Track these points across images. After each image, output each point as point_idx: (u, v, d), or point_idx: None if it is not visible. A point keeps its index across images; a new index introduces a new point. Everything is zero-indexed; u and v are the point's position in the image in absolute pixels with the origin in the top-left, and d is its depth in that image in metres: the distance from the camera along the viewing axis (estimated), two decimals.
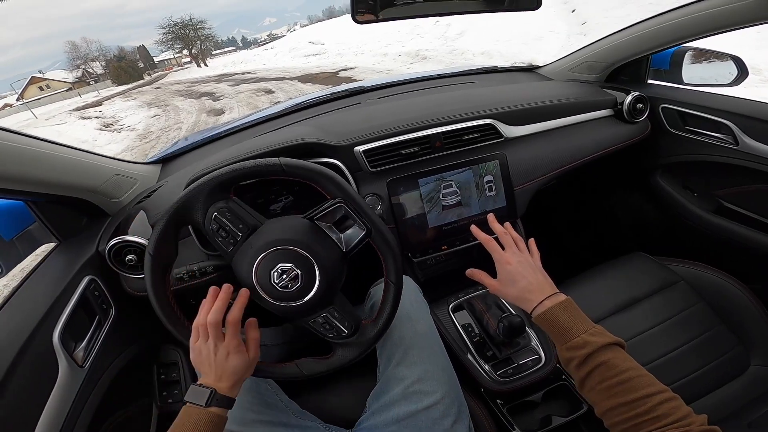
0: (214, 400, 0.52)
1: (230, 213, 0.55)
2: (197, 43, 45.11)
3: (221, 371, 0.56)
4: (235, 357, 0.56)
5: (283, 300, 0.56)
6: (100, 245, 0.77)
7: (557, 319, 0.52)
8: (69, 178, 0.75)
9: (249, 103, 8.39)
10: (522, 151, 0.93)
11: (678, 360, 0.81)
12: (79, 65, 55.75)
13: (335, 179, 0.57)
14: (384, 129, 0.87)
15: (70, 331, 0.69)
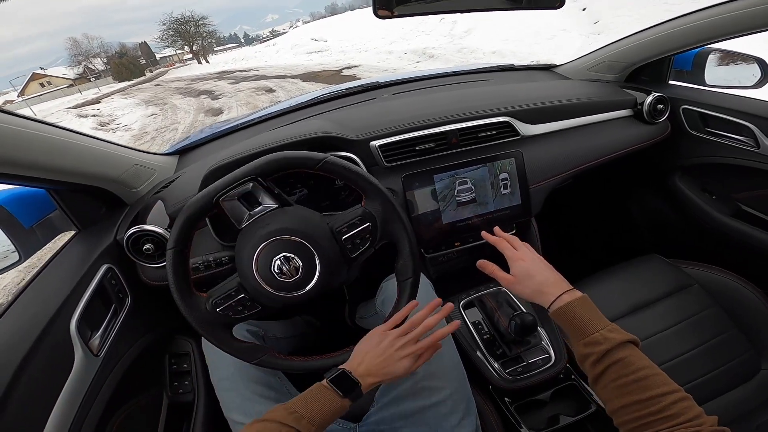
0: (356, 395, 0.54)
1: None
2: (198, 39, 45.15)
3: (381, 367, 0.56)
4: (408, 361, 0.57)
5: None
6: (119, 234, 0.80)
7: (575, 313, 0.53)
8: (90, 167, 0.78)
9: (248, 102, 8.30)
10: (538, 150, 0.94)
11: (689, 362, 0.82)
12: (81, 62, 56.34)
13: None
14: (400, 124, 0.88)
15: (87, 320, 0.71)
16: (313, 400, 0.52)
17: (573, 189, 1.05)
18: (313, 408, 0.51)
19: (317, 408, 0.51)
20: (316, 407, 0.51)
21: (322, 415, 0.51)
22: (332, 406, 0.52)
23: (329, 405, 0.52)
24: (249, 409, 0.67)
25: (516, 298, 0.95)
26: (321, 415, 0.51)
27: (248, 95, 9.15)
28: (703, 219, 1.09)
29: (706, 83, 1.03)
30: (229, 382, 0.71)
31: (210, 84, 13.60)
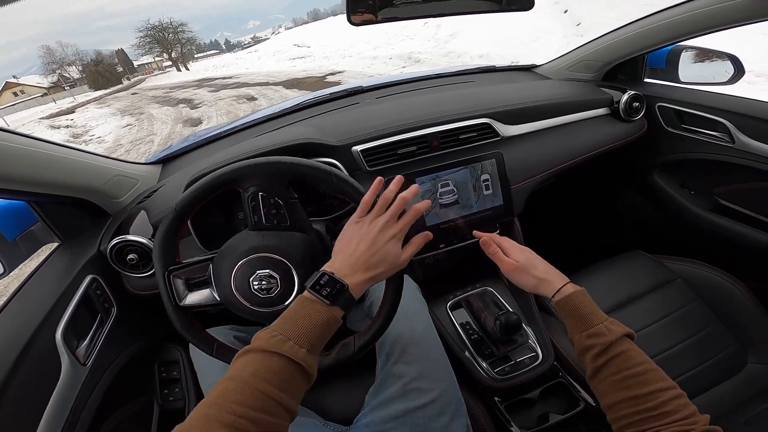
0: (344, 300, 0.47)
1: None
2: (177, 46, 44.93)
3: (367, 257, 0.50)
4: (395, 245, 0.52)
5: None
6: (102, 245, 0.81)
7: (579, 305, 0.54)
8: (71, 178, 0.79)
9: (229, 111, 8.16)
10: (519, 150, 0.96)
11: (675, 358, 0.84)
12: (55, 70, 56.04)
13: None
14: (381, 129, 0.90)
15: (73, 330, 0.71)
16: (296, 317, 0.45)
17: (554, 189, 1.08)
18: (298, 326, 0.44)
19: (303, 325, 0.44)
20: (302, 324, 0.44)
21: (309, 332, 0.44)
22: (319, 318, 0.45)
23: (316, 317, 0.45)
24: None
25: (502, 298, 0.97)
26: (308, 333, 0.44)
27: (229, 104, 9.03)
28: (683, 214, 1.12)
29: (680, 80, 1.06)
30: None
31: (189, 92, 13.42)
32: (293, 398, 0.42)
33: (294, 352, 0.42)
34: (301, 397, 0.44)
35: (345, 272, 0.49)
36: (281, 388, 0.40)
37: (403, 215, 0.54)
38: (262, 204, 0.60)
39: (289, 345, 0.42)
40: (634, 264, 1.01)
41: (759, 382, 0.81)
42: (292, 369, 0.41)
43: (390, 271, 0.53)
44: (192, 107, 9.94)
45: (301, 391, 0.43)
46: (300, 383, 0.43)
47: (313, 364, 0.44)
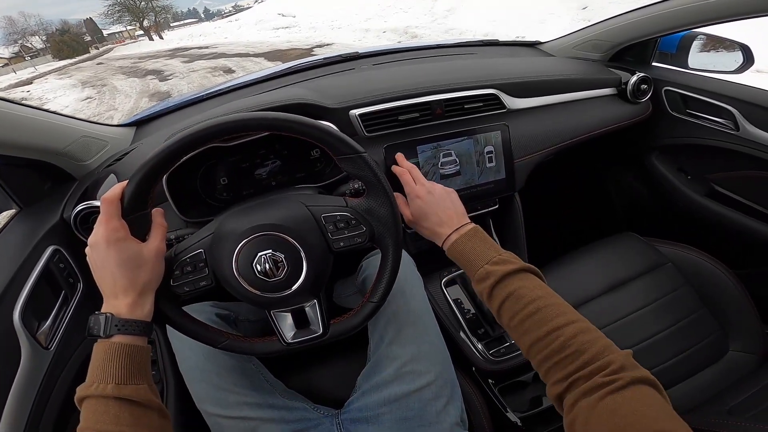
0: (113, 327, 0.46)
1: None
2: (150, 14, 43.33)
3: (113, 280, 0.48)
4: (117, 249, 0.47)
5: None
6: (66, 212, 0.75)
7: (463, 251, 0.53)
8: (30, 138, 0.73)
9: (202, 85, 7.68)
10: (524, 124, 0.95)
11: (661, 343, 0.86)
12: (17, 40, 53.91)
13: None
14: (382, 93, 0.87)
15: (33, 309, 0.66)
16: (92, 362, 0.46)
17: (553, 165, 1.08)
18: (93, 368, 0.45)
19: (96, 365, 0.45)
20: (95, 365, 0.46)
21: (104, 367, 0.45)
22: (102, 353, 0.46)
23: (100, 354, 0.46)
24: (224, 401, 0.65)
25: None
26: (104, 369, 0.45)
27: (203, 76, 8.60)
28: (678, 198, 1.15)
29: (689, 66, 1.07)
30: (199, 371, 0.67)
31: (160, 63, 12.74)
32: (139, 427, 0.43)
33: (100, 390, 0.43)
34: (158, 424, 0.46)
35: (107, 304, 0.48)
36: (118, 423, 0.42)
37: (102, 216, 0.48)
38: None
39: (94, 387, 0.43)
40: (626, 246, 1.03)
41: (738, 370, 0.85)
42: (114, 405, 0.43)
43: (147, 270, 0.49)
44: (161, 79, 9.41)
45: (142, 418, 0.44)
46: (134, 412, 0.43)
47: (131, 393, 0.44)
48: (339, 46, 8.68)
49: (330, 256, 0.58)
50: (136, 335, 0.47)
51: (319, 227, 0.56)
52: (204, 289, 0.55)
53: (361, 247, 0.58)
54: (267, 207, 0.57)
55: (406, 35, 8.24)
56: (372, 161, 0.56)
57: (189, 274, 0.54)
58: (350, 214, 0.57)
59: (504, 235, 1.03)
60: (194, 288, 0.55)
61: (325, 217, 0.57)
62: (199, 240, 0.56)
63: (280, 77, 1.15)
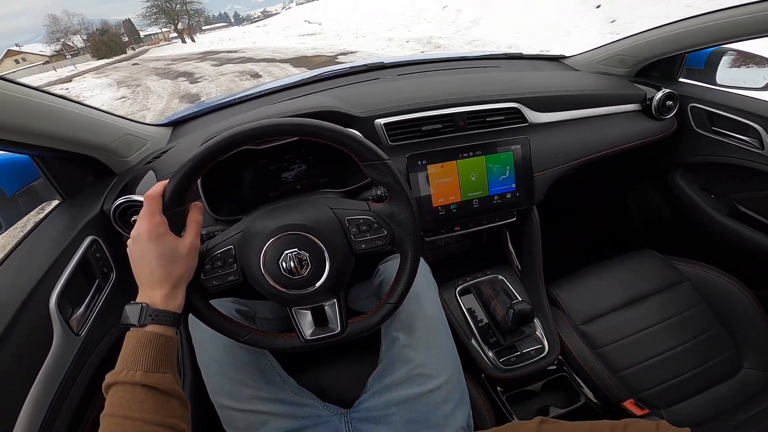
0: (147, 317, 0.49)
1: None
2: (184, 17, 44.68)
3: (149, 271, 0.51)
4: (157, 243, 0.50)
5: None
6: (106, 204, 0.79)
7: None
8: (79, 134, 0.76)
9: (230, 88, 7.78)
10: (545, 138, 0.95)
11: (675, 358, 0.86)
12: (59, 38, 55.86)
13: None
14: (406, 104, 0.89)
15: (68, 296, 0.68)
16: (123, 349, 0.48)
17: (574, 181, 1.08)
18: (125, 355, 0.48)
19: (127, 352, 0.48)
20: (126, 352, 0.48)
21: (136, 355, 0.47)
22: (135, 340, 0.48)
23: (133, 341, 0.49)
24: (238, 394, 0.66)
25: (512, 287, 0.98)
26: (135, 356, 0.47)
27: (231, 80, 8.71)
28: (699, 217, 1.13)
29: (716, 83, 1.04)
30: (218, 365, 0.69)
31: (191, 65, 13.01)
32: (161, 414, 0.45)
33: (129, 377, 0.45)
34: (180, 412, 0.48)
35: (143, 295, 0.51)
36: (143, 410, 0.44)
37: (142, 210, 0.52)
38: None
39: (123, 374, 0.45)
40: (644, 263, 1.02)
41: (751, 387, 0.85)
42: (141, 391, 0.45)
43: (182, 264, 0.52)
44: (192, 81, 9.59)
45: (165, 406, 0.46)
46: (158, 400, 0.45)
47: (157, 381, 0.46)
48: (362, 54, 8.65)
49: (352, 257, 0.60)
50: (168, 326, 0.50)
51: (342, 229, 0.58)
52: (231, 284, 0.58)
53: (382, 250, 0.60)
54: (294, 208, 0.59)
55: (429, 45, 8.11)
56: (395, 169, 0.57)
57: (219, 269, 0.57)
58: (373, 218, 0.59)
59: (520, 247, 1.03)
60: (222, 282, 0.57)
61: (349, 219, 0.59)
62: (229, 237, 0.59)
63: (308, 84, 1.19)
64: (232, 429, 0.67)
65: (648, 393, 0.83)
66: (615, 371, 0.86)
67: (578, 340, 0.90)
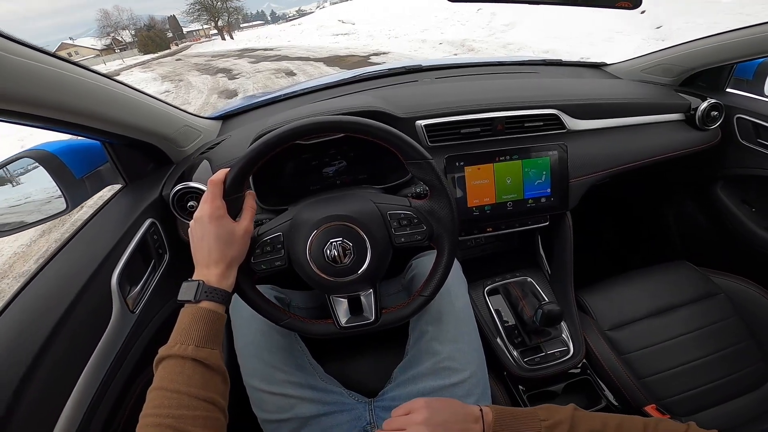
0: (203, 293, 0.51)
1: None
2: (224, 14, 45.48)
3: (207, 252, 0.54)
4: (217, 225, 0.54)
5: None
6: (164, 190, 0.84)
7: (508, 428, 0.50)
8: (148, 123, 0.82)
9: (266, 85, 7.96)
10: (583, 145, 0.95)
11: (700, 368, 0.86)
12: (110, 33, 58.02)
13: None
14: (446, 107, 0.91)
15: (127, 275, 0.72)
16: (178, 325, 0.52)
17: (609, 187, 1.07)
18: (179, 330, 0.51)
19: (181, 327, 0.51)
20: (180, 327, 0.51)
21: (189, 330, 0.50)
22: (189, 316, 0.52)
23: (188, 317, 0.52)
24: (270, 377, 0.69)
25: (541, 290, 0.99)
26: (188, 331, 0.50)
27: (267, 77, 8.88)
28: (739, 230, 1.10)
29: (765, 94, 1.01)
30: (254, 347, 0.72)
31: (230, 62, 13.35)
32: (205, 389, 0.46)
33: (181, 350, 0.47)
34: (221, 389, 0.49)
35: (202, 270, 0.54)
36: (189, 384, 0.45)
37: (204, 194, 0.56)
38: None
39: (177, 347, 0.47)
40: (678, 274, 1.01)
41: None
42: (190, 365, 0.46)
43: (237, 246, 0.55)
44: (230, 78, 9.83)
45: (210, 382, 0.47)
46: (204, 375, 0.47)
47: (206, 356, 0.47)
48: (395, 55, 8.65)
49: (390, 249, 0.63)
50: (219, 303, 0.52)
51: (384, 222, 0.61)
52: (277, 269, 0.61)
53: (420, 245, 0.62)
54: (340, 200, 0.63)
55: (462, 48, 8.00)
56: (438, 168, 0.60)
57: (268, 254, 0.61)
58: (413, 214, 0.61)
59: (551, 251, 1.03)
60: (270, 267, 0.61)
61: (391, 213, 0.62)
62: (279, 224, 0.63)
63: (348, 84, 1.22)
64: (261, 411, 0.69)
65: (670, 400, 0.83)
66: (639, 377, 0.86)
67: (604, 344, 0.90)
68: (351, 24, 16.72)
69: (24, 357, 0.54)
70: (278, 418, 0.68)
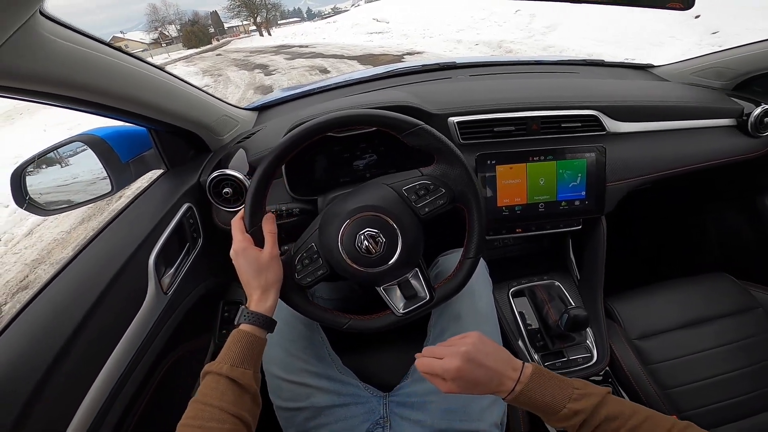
0: (242, 317, 0.56)
1: None
2: (263, 11, 47.50)
3: (245, 281, 0.58)
4: (243, 257, 0.58)
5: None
6: (202, 176, 0.86)
7: (533, 399, 0.50)
8: (191, 112, 0.84)
9: (300, 82, 7.84)
10: (623, 148, 0.90)
11: (728, 382, 0.83)
12: (157, 27, 60.20)
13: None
14: (479, 104, 0.88)
15: (163, 256, 0.73)
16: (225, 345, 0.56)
17: (648, 193, 1.02)
18: (223, 351, 0.56)
19: (224, 349, 0.56)
20: (224, 349, 0.56)
21: (228, 351, 0.55)
22: (233, 337, 0.57)
23: (229, 339, 0.57)
24: (290, 365, 0.70)
25: (568, 294, 0.97)
26: (227, 352, 0.55)
27: (301, 74, 8.96)
28: None
29: None
30: (277, 335, 0.72)
31: (267, 58, 13.50)
32: (235, 406, 0.50)
33: (218, 368, 0.52)
34: (249, 407, 0.52)
35: (247, 300, 0.59)
36: (221, 399, 0.50)
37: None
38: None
39: (216, 365, 0.52)
40: (715, 286, 0.97)
41: None
42: (224, 382, 0.51)
43: (267, 272, 0.59)
44: (266, 74, 9.94)
45: (240, 399, 0.51)
46: (236, 393, 0.51)
47: (239, 375, 0.51)
48: (430, 55, 8.44)
49: (419, 224, 0.62)
50: (258, 326, 0.56)
51: (402, 199, 0.61)
52: (322, 277, 0.62)
53: (447, 209, 0.62)
54: (357, 193, 0.63)
55: (500, 50, 7.69)
56: (433, 129, 0.60)
57: (308, 266, 0.62)
58: (427, 181, 0.62)
59: (582, 256, 0.99)
60: (315, 278, 0.62)
61: (406, 189, 0.62)
62: (309, 235, 0.64)
63: (382, 79, 1.22)
64: (277, 398, 0.70)
65: (693, 413, 0.81)
66: (664, 387, 0.83)
67: (630, 353, 0.87)
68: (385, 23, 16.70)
69: (64, 330, 0.57)
70: (294, 407, 0.68)
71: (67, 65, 0.53)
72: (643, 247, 1.43)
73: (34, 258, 3.18)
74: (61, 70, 0.53)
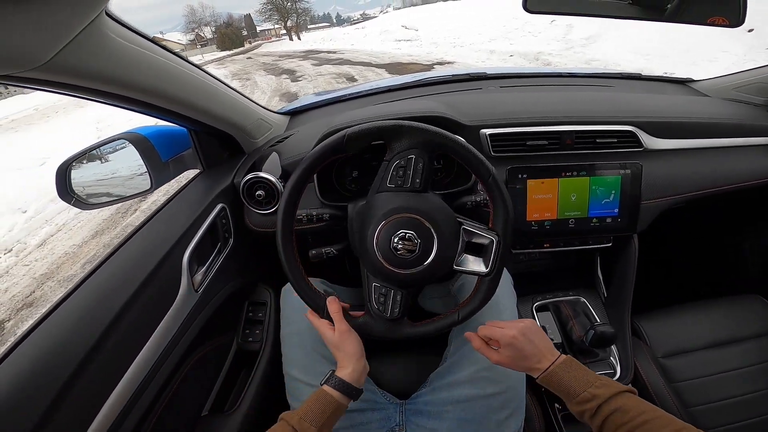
0: (326, 378, 0.61)
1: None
2: (293, 15, 48.16)
3: (333, 354, 0.65)
4: (324, 338, 0.65)
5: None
6: (236, 178, 0.89)
7: (561, 380, 0.56)
8: (231, 114, 0.87)
9: (326, 90, 8.76)
10: (661, 166, 0.89)
11: (754, 402, 0.82)
12: (194, 29, 62.19)
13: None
14: (513, 117, 0.88)
15: (196, 255, 0.75)
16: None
17: (683, 212, 1.00)
18: (305, 402, 0.61)
19: (306, 402, 0.61)
20: (307, 402, 0.61)
21: (305, 408, 0.60)
22: (314, 395, 0.63)
23: (314, 394, 0.63)
24: (310, 368, 0.71)
25: (594, 311, 0.95)
26: (304, 410, 0.60)
27: (327, 81, 8.91)
28: None
29: None
30: (299, 338, 0.75)
31: (294, 63, 13.57)
32: None
33: (289, 417, 0.57)
34: None
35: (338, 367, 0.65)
36: None
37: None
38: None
39: (289, 413, 0.58)
40: (747, 307, 0.95)
41: None
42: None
43: (343, 347, 0.65)
44: (293, 80, 9.92)
45: None
46: None
47: (304, 429, 0.56)
48: (460, 65, 8.21)
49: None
50: (337, 390, 0.60)
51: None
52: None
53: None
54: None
55: (537, 62, 7.36)
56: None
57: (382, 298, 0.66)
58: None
59: (610, 274, 0.98)
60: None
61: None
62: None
63: (412, 88, 1.23)
64: (295, 401, 0.71)
65: (713, 431, 0.80)
66: (686, 405, 0.82)
67: (655, 371, 0.86)
68: (414, 30, 16.68)
69: (100, 323, 0.59)
70: None
71: (125, 65, 0.56)
72: (673, 266, 1.39)
73: (42, 272, 3.13)
74: (119, 69, 0.55)
